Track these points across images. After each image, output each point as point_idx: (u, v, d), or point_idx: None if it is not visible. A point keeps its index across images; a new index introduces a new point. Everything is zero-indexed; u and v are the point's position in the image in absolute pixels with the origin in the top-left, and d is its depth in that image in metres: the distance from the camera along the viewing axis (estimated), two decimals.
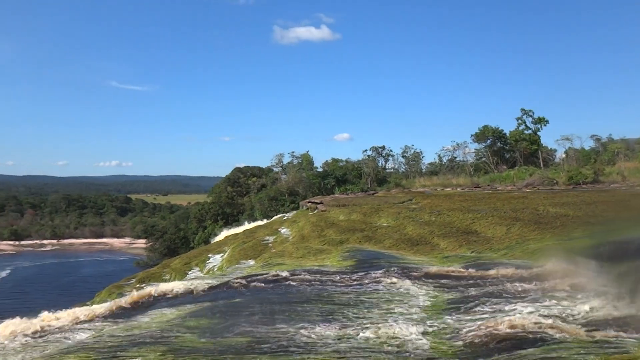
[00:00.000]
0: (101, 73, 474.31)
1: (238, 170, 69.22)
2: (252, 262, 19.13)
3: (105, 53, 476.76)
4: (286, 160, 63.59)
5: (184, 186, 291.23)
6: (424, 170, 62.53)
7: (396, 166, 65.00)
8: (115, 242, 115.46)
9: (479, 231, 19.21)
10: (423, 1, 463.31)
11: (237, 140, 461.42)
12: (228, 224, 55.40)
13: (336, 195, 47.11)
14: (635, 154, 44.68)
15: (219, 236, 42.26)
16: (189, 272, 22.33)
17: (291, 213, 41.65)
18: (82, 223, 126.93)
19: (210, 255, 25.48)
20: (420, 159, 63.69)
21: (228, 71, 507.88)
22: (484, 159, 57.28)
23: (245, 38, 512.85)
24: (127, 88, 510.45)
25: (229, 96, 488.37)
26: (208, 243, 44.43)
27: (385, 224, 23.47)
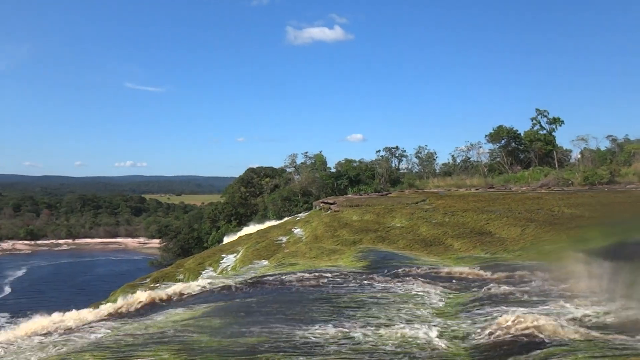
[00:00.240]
0: (117, 75, 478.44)
1: (251, 170, 69.42)
2: (266, 262, 19.18)
3: (121, 55, 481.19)
4: (299, 160, 63.73)
5: (198, 186, 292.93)
6: (438, 170, 62.07)
7: (409, 167, 64.65)
8: (129, 242, 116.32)
9: (493, 232, 19.09)
10: (436, 2, 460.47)
11: (251, 141, 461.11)
12: (241, 224, 55.59)
13: (349, 195, 47.06)
14: None
15: (234, 237, 42.42)
16: (203, 272, 22.50)
17: (304, 213, 41.77)
18: (97, 223, 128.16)
19: (223, 255, 25.65)
20: (433, 160, 63.24)
21: (242, 72, 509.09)
22: (498, 160, 56.72)
23: (258, 39, 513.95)
24: (142, 89, 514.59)
25: (243, 97, 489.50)
26: (221, 243, 44.62)
27: (398, 225, 23.42)
